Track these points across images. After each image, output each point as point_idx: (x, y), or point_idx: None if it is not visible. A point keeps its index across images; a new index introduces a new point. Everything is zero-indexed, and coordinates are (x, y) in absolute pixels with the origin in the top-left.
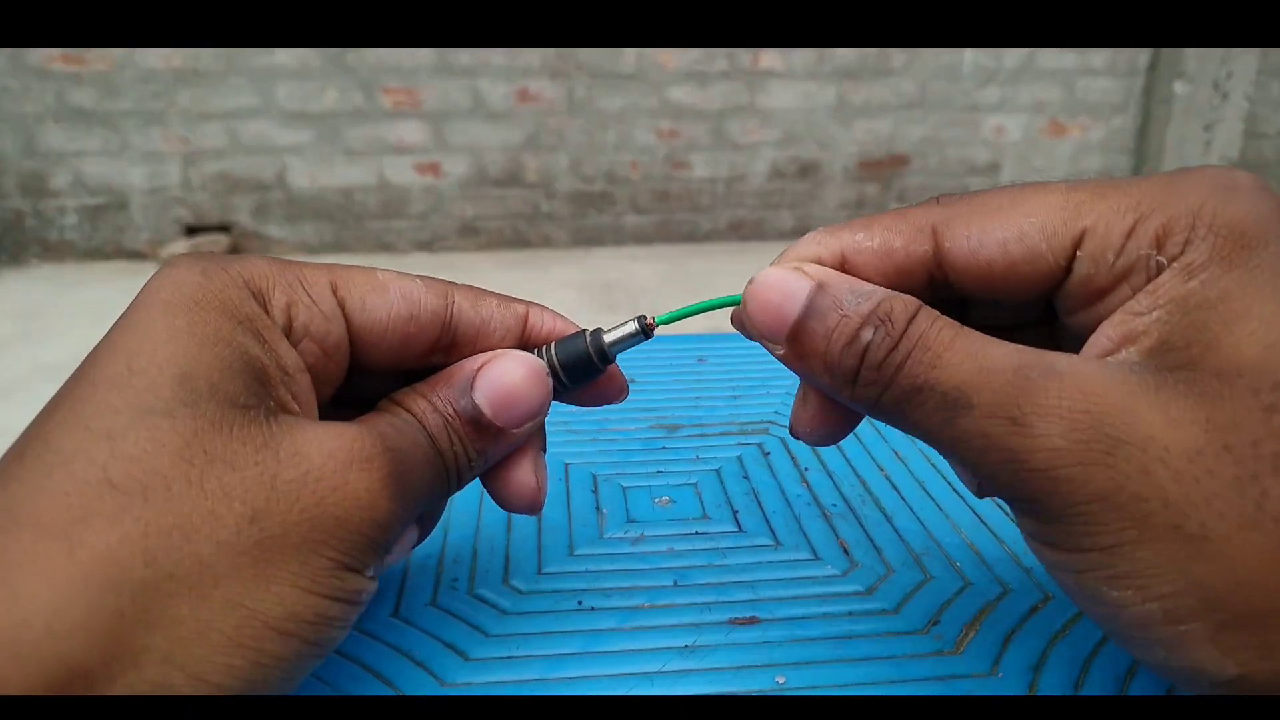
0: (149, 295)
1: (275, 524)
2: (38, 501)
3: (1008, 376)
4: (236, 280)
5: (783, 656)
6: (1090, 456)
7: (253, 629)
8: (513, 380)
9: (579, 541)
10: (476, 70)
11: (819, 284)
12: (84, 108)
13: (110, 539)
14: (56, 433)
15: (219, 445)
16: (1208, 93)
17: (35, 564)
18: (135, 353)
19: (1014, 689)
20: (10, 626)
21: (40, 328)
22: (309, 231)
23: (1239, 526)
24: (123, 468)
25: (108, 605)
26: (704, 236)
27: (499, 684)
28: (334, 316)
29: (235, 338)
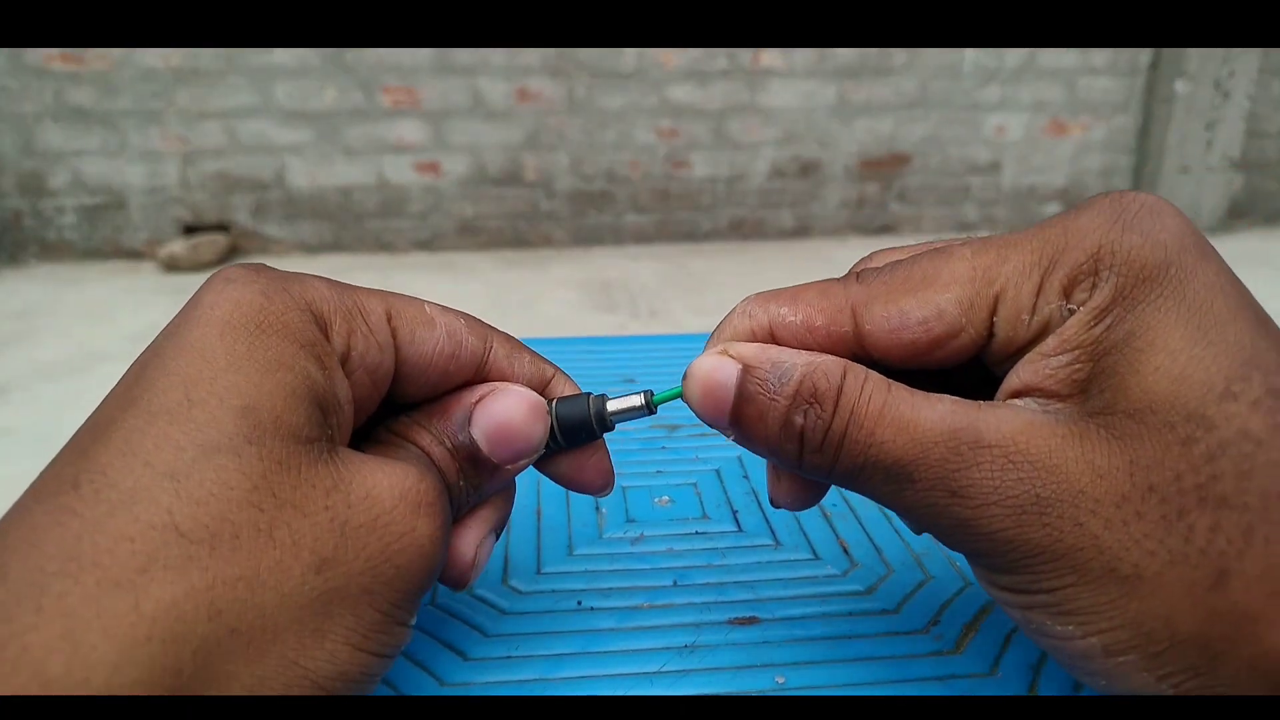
0: (206, 313)
1: (340, 574)
2: (99, 544)
3: (941, 451)
4: (299, 302)
5: (782, 656)
6: (1026, 520)
7: (300, 688)
8: (511, 416)
9: (578, 541)
10: (476, 69)
11: (743, 367)
12: (83, 107)
13: (176, 591)
14: (115, 465)
15: (288, 488)
16: (1209, 92)
17: (98, 615)
18: (194, 380)
19: (1014, 689)
20: (69, 683)
21: (38, 327)
22: (308, 231)
23: (1169, 563)
24: (189, 512)
25: (168, 663)
26: (704, 236)
27: (498, 684)
28: (387, 347)
29: (298, 363)
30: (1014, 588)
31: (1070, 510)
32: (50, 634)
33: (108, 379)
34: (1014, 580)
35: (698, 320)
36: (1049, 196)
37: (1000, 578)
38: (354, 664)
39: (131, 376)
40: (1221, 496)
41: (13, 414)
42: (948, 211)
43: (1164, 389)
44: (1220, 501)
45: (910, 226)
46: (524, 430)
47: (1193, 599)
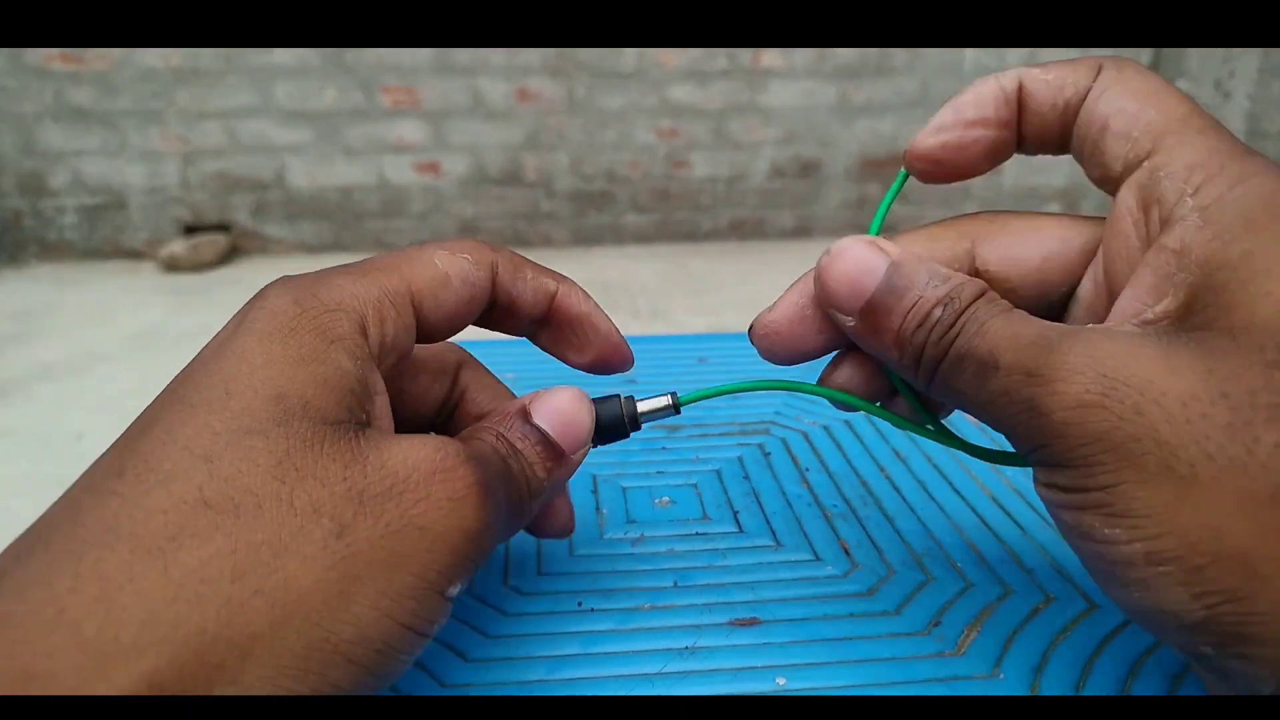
0: (247, 325)
1: (361, 539)
2: (135, 518)
3: (1031, 339)
4: (329, 304)
5: (783, 657)
6: (1089, 399)
7: (322, 653)
8: (565, 404)
9: (579, 542)
10: (476, 69)
11: (895, 261)
12: (83, 107)
13: (201, 555)
14: (156, 453)
15: (309, 462)
16: (1209, 92)
17: (130, 579)
18: (233, 376)
19: (1015, 690)
20: (102, 640)
21: (39, 327)
22: (308, 231)
23: (1226, 470)
24: (217, 488)
25: (192, 620)
26: (704, 236)
27: (499, 685)
28: (412, 328)
29: (329, 356)
30: (1070, 485)
31: (1134, 396)
32: (86, 596)
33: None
34: (1071, 477)
35: (698, 320)
36: (1050, 197)
37: (1058, 475)
38: (377, 631)
39: (178, 379)
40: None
41: (13, 414)
42: (948, 212)
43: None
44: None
45: (910, 227)
46: (577, 414)
47: (1246, 512)
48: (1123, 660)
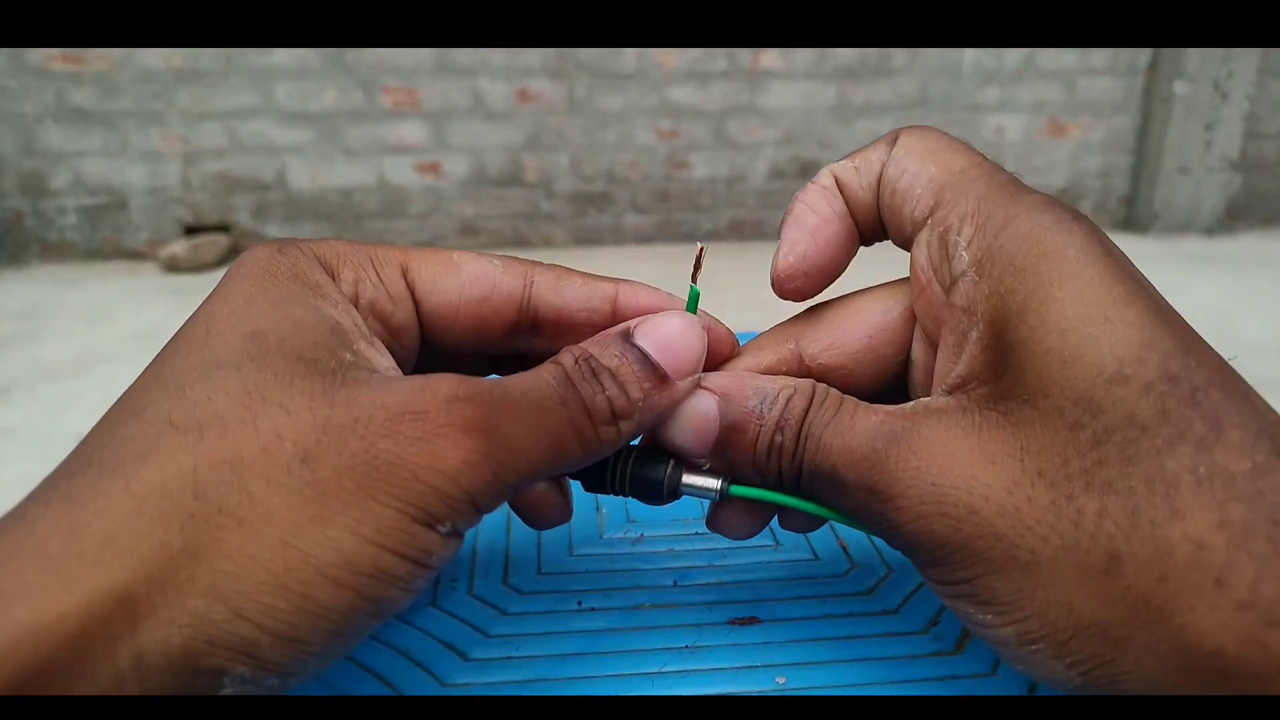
0: (231, 272)
1: (327, 468)
2: (106, 445)
3: (863, 453)
4: (308, 254)
5: (783, 657)
6: (926, 510)
7: (302, 572)
8: (673, 327)
9: (579, 542)
10: (476, 70)
11: (724, 395)
12: (83, 107)
13: (164, 473)
14: (138, 389)
15: (277, 392)
16: (1208, 92)
17: (94, 498)
18: (214, 317)
19: (1014, 689)
20: (66, 556)
21: (40, 327)
22: (309, 231)
23: (1061, 549)
24: (185, 411)
25: (156, 535)
26: (704, 236)
27: (499, 684)
28: (401, 299)
29: (306, 299)
30: (939, 579)
31: (965, 498)
32: (52, 517)
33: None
34: (938, 573)
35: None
36: None
37: (927, 570)
38: (363, 555)
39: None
40: (1107, 481)
41: (14, 414)
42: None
43: (1054, 372)
44: (1106, 486)
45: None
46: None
47: (1088, 584)
48: None
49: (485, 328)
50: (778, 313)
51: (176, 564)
